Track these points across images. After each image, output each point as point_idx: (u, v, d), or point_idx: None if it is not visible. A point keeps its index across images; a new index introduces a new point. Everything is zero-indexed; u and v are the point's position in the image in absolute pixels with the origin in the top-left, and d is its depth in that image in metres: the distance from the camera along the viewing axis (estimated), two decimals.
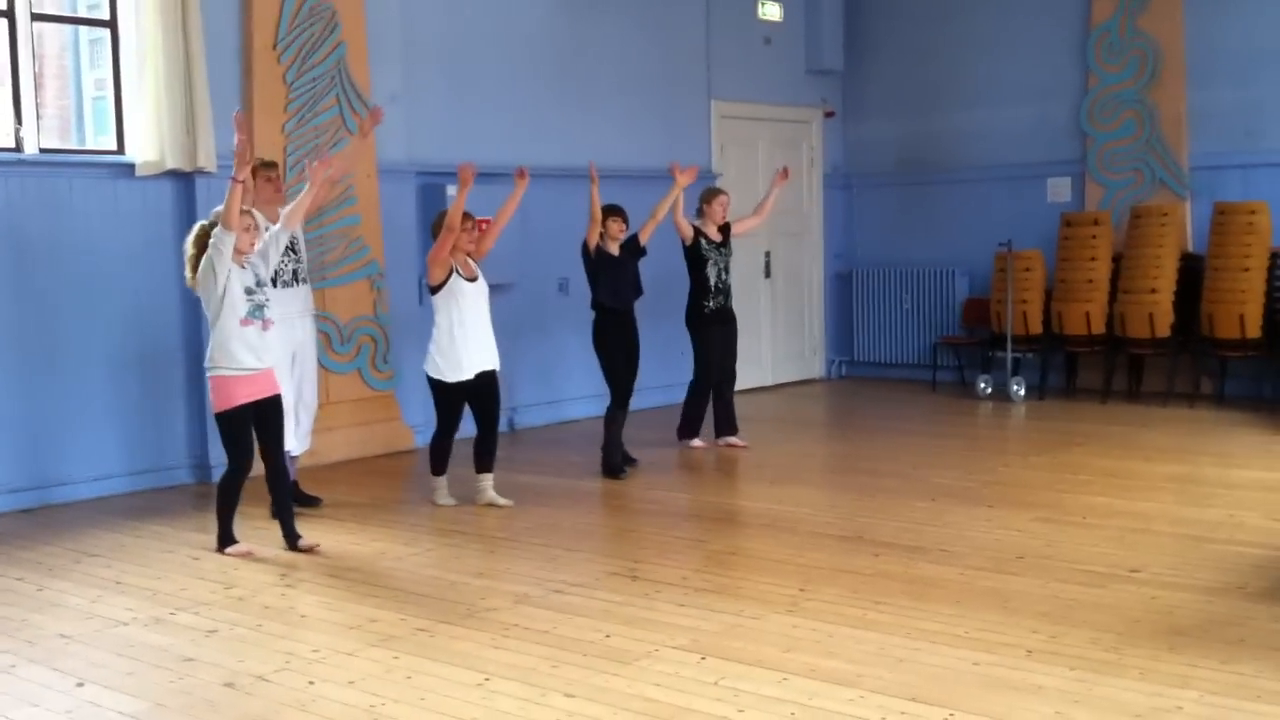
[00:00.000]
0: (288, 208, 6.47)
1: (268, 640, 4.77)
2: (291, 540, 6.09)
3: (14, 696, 4.25)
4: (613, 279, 7.71)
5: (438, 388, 6.90)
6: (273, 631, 4.88)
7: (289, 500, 6.23)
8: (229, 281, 5.81)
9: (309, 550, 6.03)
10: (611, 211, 7.74)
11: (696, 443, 8.57)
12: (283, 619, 5.05)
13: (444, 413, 6.96)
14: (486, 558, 5.93)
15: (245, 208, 5.93)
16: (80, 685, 4.33)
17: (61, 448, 7.32)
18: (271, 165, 6.86)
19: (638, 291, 7.87)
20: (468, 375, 6.82)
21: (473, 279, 6.88)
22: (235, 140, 5.96)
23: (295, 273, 6.79)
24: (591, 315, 7.84)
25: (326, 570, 5.76)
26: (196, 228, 6.05)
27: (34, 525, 6.77)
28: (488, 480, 7.02)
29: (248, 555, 6.03)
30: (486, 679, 4.26)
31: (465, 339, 6.78)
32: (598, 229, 7.68)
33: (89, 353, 7.43)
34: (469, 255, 6.94)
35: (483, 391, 6.93)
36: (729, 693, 4.08)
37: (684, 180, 8.09)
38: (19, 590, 5.51)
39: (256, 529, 6.38)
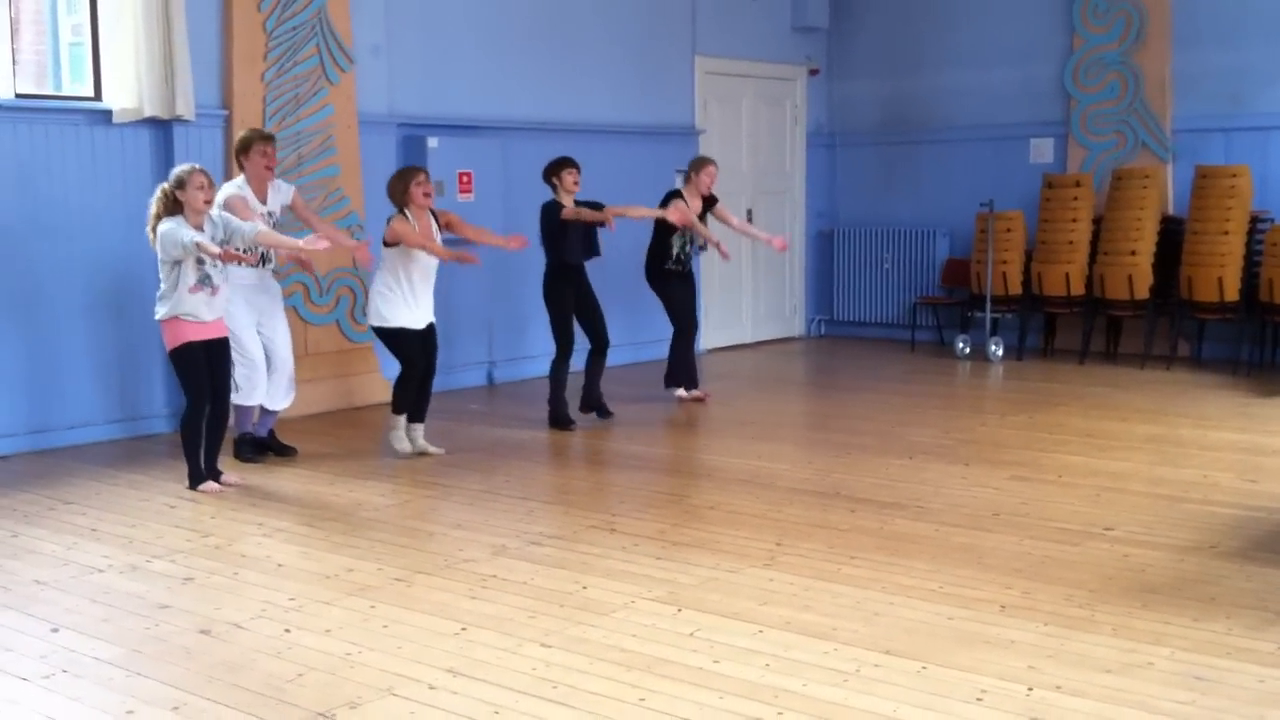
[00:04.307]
0: (264, 234, 6.37)
1: (244, 588, 4.77)
2: (214, 474, 6.30)
3: None
4: (571, 237, 7.71)
5: (390, 335, 6.95)
6: (249, 580, 4.88)
7: (221, 438, 6.40)
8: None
9: (230, 485, 6.28)
10: (565, 163, 7.71)
11: (681, 392, 8.59)
12: (259, 568, 5.05)
13: (402, 355, 6.99)
14: (465, 509, 5.92)
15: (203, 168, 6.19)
16: (55, 631, 4.33)
17: (38, 396, 7.28)
18: (270, 139, 6.83)
19: (590, 251, 7.88)
20: (417, 325, 6.91)
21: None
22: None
23: (265, 254, 6.80)
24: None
25: (304, 520, 5.75)
26: (160, 191, 6.13)
27: (9, 472, 6.74)
28: (419, 430, 7.08)
29: (219, 492, 6.17)
30: (463, 629, 4.27)
31: (411, 293, 6.87)
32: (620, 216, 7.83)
33: (66, 301, 7.38)
34: (435, 219, 7.01)
35: (424, 344, 7.00)
36: (705, 644, 4.10)
37: (674, 217, 8.13)
38: None
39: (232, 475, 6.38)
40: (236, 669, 3.96)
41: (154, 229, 6.08)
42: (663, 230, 8.38)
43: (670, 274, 8.46)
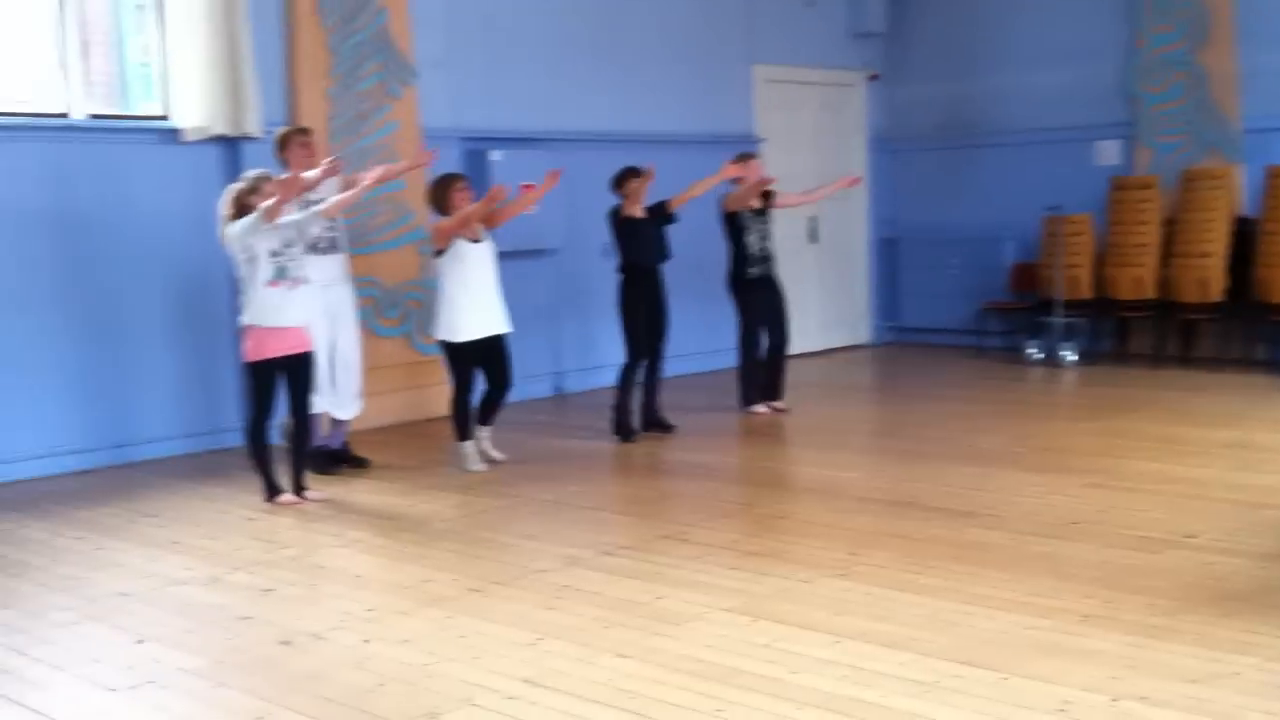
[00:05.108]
0: (333, 199, 6.54)
1: (323, 599, 4.83)
2: (299, 489, 6.34)
3: (76, 653, 4.32)
4: (639, 240, 7.71)
5: (449, 349, 6.92)
6: (327, 591, 4.93)
7: (305, 454, 6.47)
8: (257, 247, 6.10)
9: (316, 501, 6.32)
10: (633, 173, 7.72)
11: (759, 409, 8.47)
12: (337, 579, 5.11)
13: (458, 374, 6.96)
14: (537, 520, 5.95)
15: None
16: (140, 642, 4.40)
17: (116, 410, 7.41)
18: (306, 131, 6.92)
19: (664, 254, 7.84)
20: (475, 336, 6.85)
21: (477, 241, 6.88)
22: (311, 175, 6.30)
23: (333, 241, 6.86)
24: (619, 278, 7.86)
25: (379, 531, 5.81)
26: (232, 192, 6.25)
27: (91, 486, 6.87)
28: (485, 432, 7.08)
29: (295, 504, 6.24)
30: (539, 639, 4.28)
31: (470, 300, 6.82)
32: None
33: (141, 317, 7.51)
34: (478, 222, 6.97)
35: (493, 355, 6.96)
36: (781, 655, 4.08)
37: (731, 172, 8.08)
38: (78, 549, 5.60)
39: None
40: (317, 679, 4.01)
41: (225, 230, 6.18)
42: (734, 231, 8.31)
43: (754, 283, 8.31)
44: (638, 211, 7.71)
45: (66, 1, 7.27)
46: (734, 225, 8.31)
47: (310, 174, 6.37)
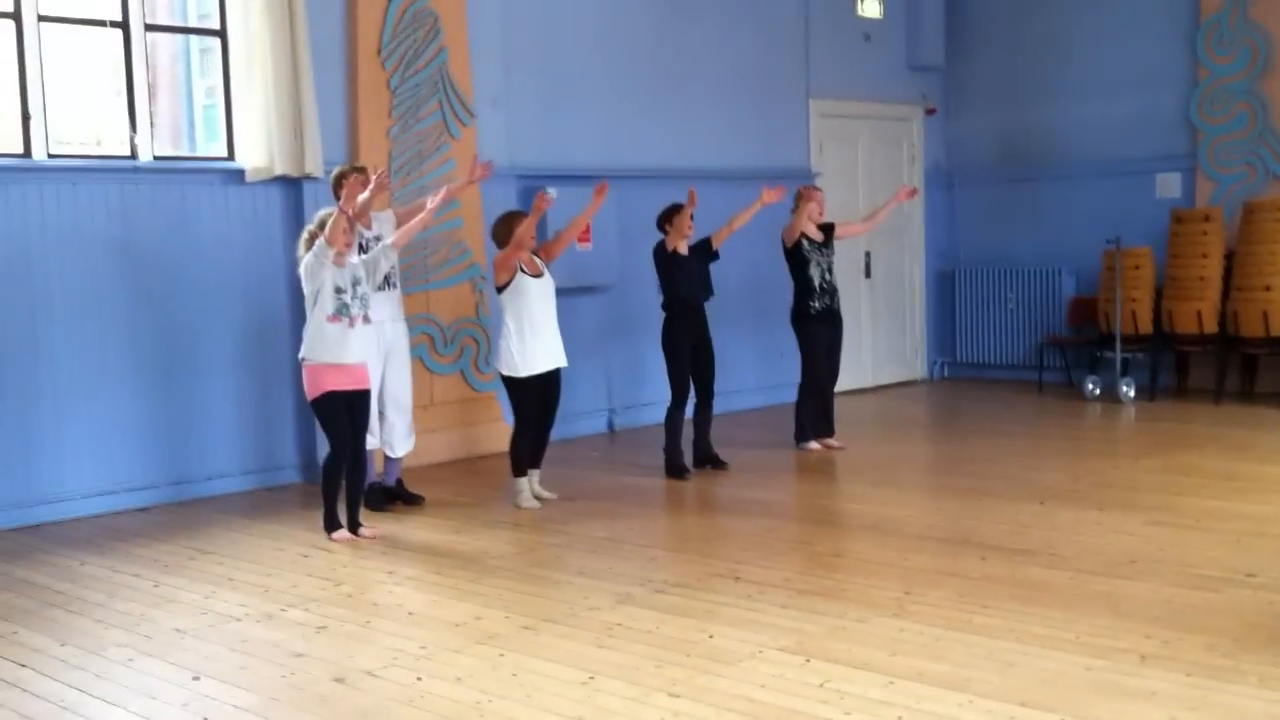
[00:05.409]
0: (398, 231, 6.69)
1: (376, 637, 4.85)
2: (354, 527, 6.41)
3: (132, 689, 4.37)
4: (684, 275, 7.72)
5: (511, 384, 6.97)
6: (381, 628, 4.96)
7: (361, 491, 6.55)
8: (324, 281, 6.22)
9: (370, 538, 6.37)
10: (676, 209, 7.76)
11: (813, 445, 8.45)
12: (390, 616, 5.13)
13: (520, 409, 7.00)
14: (589, 557, 5.95)
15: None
16: (196, 679, 4.44)
17: (175, 447, 7.51)
18: (360, 170, 7.00)
19: (708, 291, 7.85)
20: (537, 371, 6.90)
21: (538, 275, 6.95)
22: (367, 190, 6.40)
23: (387, 277, 6.93)
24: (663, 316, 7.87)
25: (432, 568, 5.83)
26: (306, 233, 6.42)
27: (150, 523, 6.96)
28: (534, 474, 7.11)
29: (351, 541, 6.31)
30: (591, 677, 4.28)
31: (533, 334, 6.87)
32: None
33: (201, 355, 7.61)
34: (536, 255, 7.02)
35: (547, 391, 7.00)
36: (835, 695, 4.05)
37: (770, 198, 8.03)
38: (136, 586, 5.67)
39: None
40: (370, 717, 4.02)
41: (300, 267, 6.33)
42: (796, 265, 8.30)
43: (816, 319, 8.29)
44: (683, 247, 7.75)
45: (134, 46, 7.43)
46: (796, 258, 8.30)
47: (362, 195, 6.43)
